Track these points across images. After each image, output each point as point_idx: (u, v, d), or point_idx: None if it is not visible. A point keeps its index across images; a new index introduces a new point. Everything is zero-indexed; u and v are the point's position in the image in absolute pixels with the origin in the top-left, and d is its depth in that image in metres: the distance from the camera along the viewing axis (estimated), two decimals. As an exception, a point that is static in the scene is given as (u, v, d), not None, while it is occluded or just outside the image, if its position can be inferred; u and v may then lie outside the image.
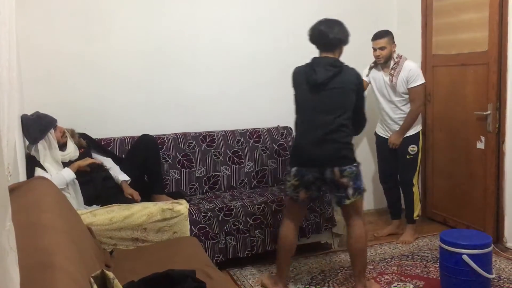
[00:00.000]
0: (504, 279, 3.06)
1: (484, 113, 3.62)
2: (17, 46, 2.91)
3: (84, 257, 1.80)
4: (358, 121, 2.87)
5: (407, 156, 3.70)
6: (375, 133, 3.95)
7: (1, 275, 0.78)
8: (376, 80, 3.76)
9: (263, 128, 4.04)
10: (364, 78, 3.86)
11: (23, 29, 3.26)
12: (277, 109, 4.20)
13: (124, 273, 2.02)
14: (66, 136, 3.13)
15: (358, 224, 2.85)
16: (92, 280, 1.54)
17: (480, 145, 3.72)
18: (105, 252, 2.45)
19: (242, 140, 3.90)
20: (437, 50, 4.08)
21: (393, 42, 3.64)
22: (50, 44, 3.50)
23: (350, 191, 2.75)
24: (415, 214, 3.80)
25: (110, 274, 1.60)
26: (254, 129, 4.00)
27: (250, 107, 4.12)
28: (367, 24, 4.38)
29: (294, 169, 2.83)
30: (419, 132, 3.73)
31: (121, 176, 3.21)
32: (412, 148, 3.69)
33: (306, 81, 2.81)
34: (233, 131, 3.93)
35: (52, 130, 2.99)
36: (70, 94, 3.58)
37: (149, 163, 3.33)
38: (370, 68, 3.79)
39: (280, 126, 4.11)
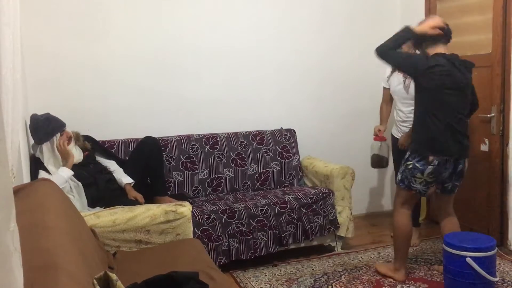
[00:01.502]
0: (508, 282, 3.05)
1: (488, 115, 3.61)
2: (22, 49, 2.92)
3: (87, 258, 1.80)
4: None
5: None
6: (391, 134, 3.93)
7: (5, 276, 0.78)
8: (392, 81, 3.71)
9: (266, 131, 4.04)
10: (384, 85, 3.85)
11: (27, 32, 3.28)
12: (280, 111, 4.21)
13: (127, 275, 2.02)
14: (71, 141, 3.13)
15: (453, 213, 3.17)
16: (95, 281, 1.54)
17: (484, 147, 3.71)
18: (108, 254, 2.45)
19: (245, 142, 3.90)
20: (441, 52, 4.07)
21: (413, 47, 3.59)
22: (54, 47, 3.51)
23: (461, 181, 3.06)
24: (421, 218, 3.78)
25: (113, 276, 1.60)
26: (257, 131, 4.01)
27: (253, 110, 4.12)
28: (370, 26, 4.40)
29: (430, 167, 2.90)
30: None
31: (124, 178, 3.21)
32: None
33: (450, 79, 2.87)
34: (236, 133, 3.93)
35: (58, 134, 3.00)
36: (74, 97, 3.59)
37: (152, 165, 3.33)
38: (392, 72, 3.72)
39: (283, 128, 4.11)
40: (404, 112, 3.66)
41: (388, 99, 3.88)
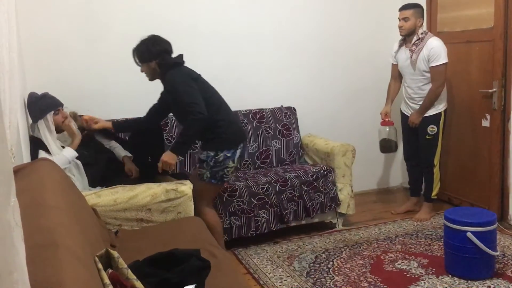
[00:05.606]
0: (509, 256, 3.07)
1: (490, 90, 3.59)
2: (19, 29, 2.88)
3: (89, 236, 1.81)
4: None
5: (427, 136, 3.64)
6: (400, 110, 3.88)
7: (7, 250, 0.78)
8: (400, 56, 3.68)
9: (266, 109, 4.02)
10: (392, 61, 3.80)
11: (25, 13, 3.23)
12: (280, 90, 4.18)
13: (129, 253, 2.03)
14: (68, 120, 3.09)
15: None
16: (96, 259, 1.54)
17: (485, 123, 3.70)
18: (110, 233, 2.46)
19: (245, 120, 3.89)
20: (442, 27, 4.03)
21: (421, 16, 3.55)
22: (52, 26, 3.47)
23: None
24: (433, 193, 3.77)
25: (115, 253, 1.61)
26: (257, 109, 3.98)
27: (253, 88, 4.09)
28: (371, 3, 4.34)
29: (239, 150, 2.93)
30: (440, 112, 3.61)
31: (123, 152, 3.21)
32: (431, 129, 3.61)
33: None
34: (236, 112, 3.90)
35: (52, 113, 2.97)
36: (73, 76, 3.56)
37: (152, 144, 3.31)
38: (399, 47, 3.70)
39: (283, 106, 4.09)
40: (413, 88, 3.63)
41: (396, 75, 3.83)
